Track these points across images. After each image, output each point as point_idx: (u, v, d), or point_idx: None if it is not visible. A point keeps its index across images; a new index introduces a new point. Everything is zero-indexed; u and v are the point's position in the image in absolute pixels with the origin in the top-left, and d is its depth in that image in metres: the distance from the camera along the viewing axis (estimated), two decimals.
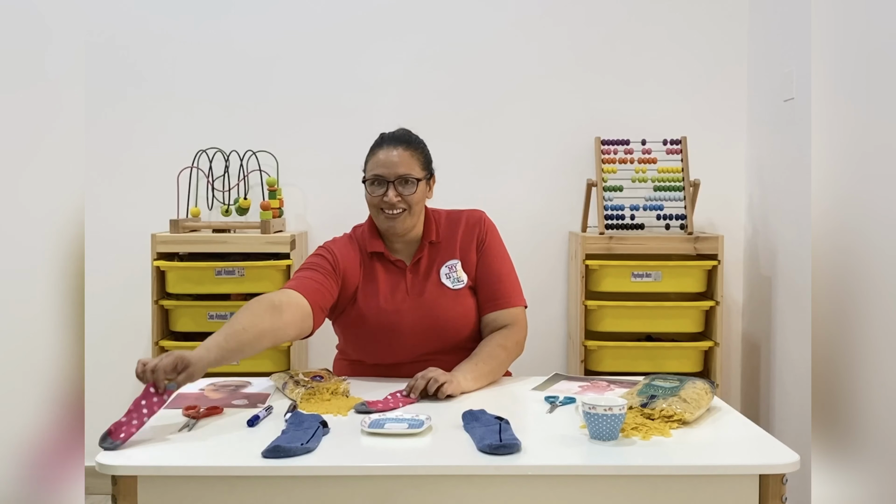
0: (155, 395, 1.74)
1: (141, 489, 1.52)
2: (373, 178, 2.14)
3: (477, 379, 2.03)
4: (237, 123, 3.22)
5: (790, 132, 2.83)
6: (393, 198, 2.11)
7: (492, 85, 3.24)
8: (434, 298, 2.15)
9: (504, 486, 1.52)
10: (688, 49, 3.23)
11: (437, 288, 2.16)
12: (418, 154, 2.17)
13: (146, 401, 1.72)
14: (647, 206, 3.04)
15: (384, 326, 2.13)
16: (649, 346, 2.98)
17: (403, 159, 2.13)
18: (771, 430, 2.88)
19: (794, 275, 2.81)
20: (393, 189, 2.11)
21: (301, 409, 1.85)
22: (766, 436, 1.70)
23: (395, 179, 2.12)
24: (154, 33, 3.22)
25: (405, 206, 2.12)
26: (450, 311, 2.15)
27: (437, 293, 2.15)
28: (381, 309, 2.13)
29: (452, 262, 2.19)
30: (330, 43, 3.23)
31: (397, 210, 2.12)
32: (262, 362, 2.91)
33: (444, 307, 2.15)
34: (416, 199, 2.13)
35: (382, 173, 2.13)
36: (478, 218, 2.25)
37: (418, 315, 2.13)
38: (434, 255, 2.20)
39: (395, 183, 2.12)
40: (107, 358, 3.24)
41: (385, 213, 2.13)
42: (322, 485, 1.52)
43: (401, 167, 2.12)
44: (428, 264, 2.19)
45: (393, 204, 2.11)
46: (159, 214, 3.12)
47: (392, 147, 2.14)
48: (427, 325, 2.13)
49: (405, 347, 2.14)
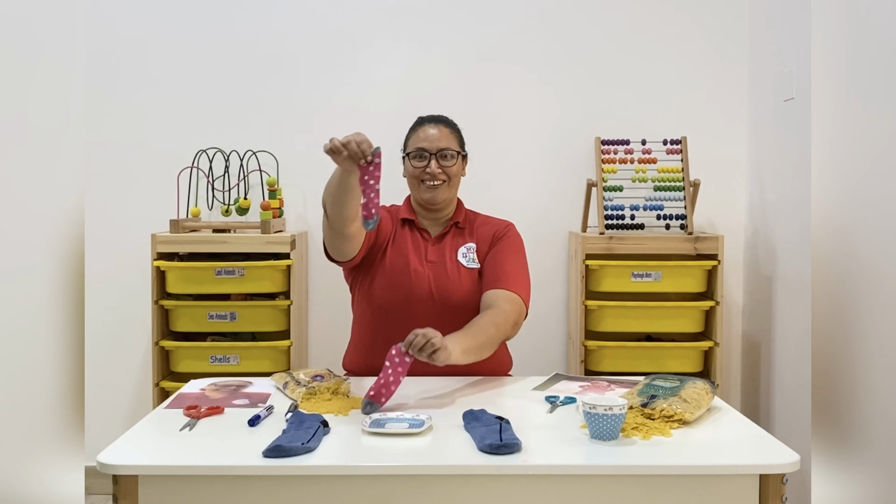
0: (398, 356, 1.87)
1: (142, 489, 1.52)
2: (415, 152, 2.31)
3: (466, 352, 1.99)
4: (237, 123, 3.22)
5: (790, 132, 2.83)
6: (435, 168, 2.28)
7: (492, 85, 3.24)
8: (448, 270, 2.28)
9: (504, 486, 1.52)
10: (688, 49, 3.23)
11: (453, 263, 2.30)
12: (456, 133, 2.37)
13: (391, 364, 1.87)
14: (647, 206, 3.04)
15: (400, 284, 2.25)
16: (649, 346, 2.98)
17: (444, 135, 2.32)
18: (771, 430, 2.88)
19: (794, 275, 2.81)
20: (435, 161, 2.28)
21: (302, 408, 1.85)
22: (766, 436, 1.70)
23: (437, 152, 2.29)
24: (154, 33, 3.22)
25: (445, 177, 2.30)
26: (460, 286, 2.26)
27: (452, 266, 2.28)
28: (403, 266, 2.27)
29: (471, 244, 2.34)
30: (330, 43, 3.23)
31: (438, 181, 2.29)
32: (262, 362, 2.92)
33: (456, 280, 2.27)
34: (454, 171, 2.31)
35: (425, 146, 2.29)
36: (506, 225, 2.40)
37: (432, 281, 2.26)
38: (457, 236, 2.36)
39: (437, 156, 2.29)
40: (107, 358, 3.24)
41: (426, 183, 2.29)
42: (322, 484, 1.52)
43: (441, 141, 2.30)
44: (451, 241, 2.35)
45: (434, 174, 2.28)
46: (159, 214, 3.12)
47: (433, 125, 2.34)
48: (438, 292, 2.25)
49: (415, 311, 2.22)
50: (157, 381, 2.93)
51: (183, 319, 2.95)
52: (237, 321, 2.93)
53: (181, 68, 3.23)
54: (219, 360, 2.93)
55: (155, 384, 2.93)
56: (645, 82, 3.23)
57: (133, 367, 3.27)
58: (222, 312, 2.93)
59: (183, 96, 3.23)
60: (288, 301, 2.96)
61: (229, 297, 2.97)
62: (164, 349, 2.97)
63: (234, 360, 2.92)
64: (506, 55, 3.23)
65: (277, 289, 2.96)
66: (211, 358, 2.93)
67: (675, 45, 3.23)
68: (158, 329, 2.95)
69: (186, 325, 2.95)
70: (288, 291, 2.97)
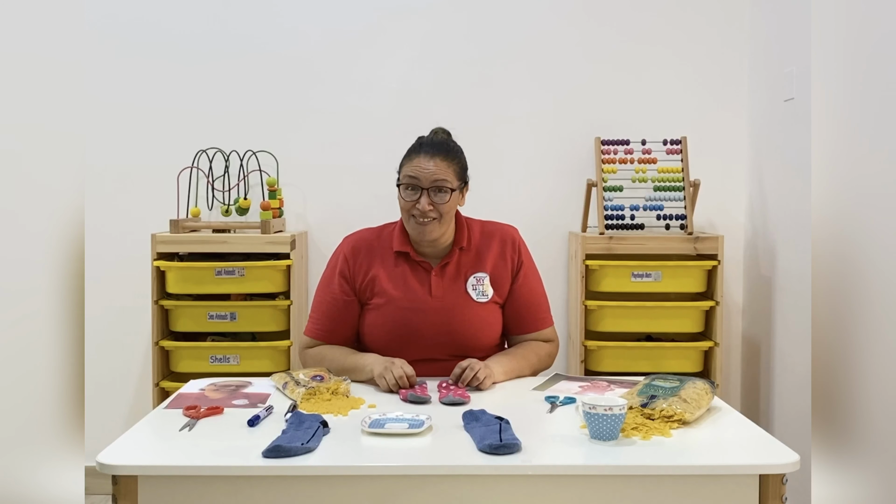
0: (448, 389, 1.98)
1: (141, 489, 1.52)
2: (407, 183, 2.14)
3: (507, 373, 2.13)
4: (237, 123, 3.22)
5: (790, 132, 2.83)
6: (425, 206, 2.11)
7: (492, 85, 3.24)
8: (457, 306, 2.18)
9: (504, 486, 1.52)
10: (688, 49, 3.23)
11: (462, 297, 2.19)
12: (455, 164, 2.17)
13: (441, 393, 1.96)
14: (647, 206, 3.04)
15: (403, 323, 2.16)
16: (649, 346, 2.98)
17: (440, 168, 2.12)
18: (771, 430, 2.88)
19: (794, 275, 2.81)
20: (426, 196, 2.11)
21: (301, 408, 1.85)
22: (766, 436, 1.70)
23: (430, 187, 2.12)
24: (155, 32, 3.22)
25: (436, 214, 2.12)
26: (471, 322, 2.18)
27: (461, 302, 2.18)
28: (401, 306, 2.17)
29: (481, 276, 2.21)
30: (331, 43, 3.23)
31: (428, 218, 2.12)
32: (261, 363, 2.92)
33: (466, 316, 2.17)
34: (447, 208, 2.14)
35: (418, 178, 2.12)
36: (511, 237, 2.28)
37: (438, 319, 2.16)
38: (463, 262, 2.22)
39: (429, 191, 2.12)
40: (107, 358, 3.24)
41: (416, 219, 2.14)
42: (322, 485, 1.52)
43: (436, 174, 2.12)
44: (456, 270, 2.21)
45: (425, 212, 2.11)
46: (159, 214, 3.12)
47: (430, 155, 2.13)
48: (445, 330, 2.16)
49: (421, 348, 2.16)
50: (156, 381, 2.93)
51: (183, 319, 2.95)
52: (237, 321, 2.93)
53: (181, 68, 3.22)
54: (219, 360, 2.93)
55: (155, 384, 2.93)
56: (645, 82, 3.23)
57: (133, 367, 3.27)
58: (222, 312, 2.93)
59: (183, 96, 3.23)
60: (288, 301, 2.96)
61: (229, 297, 2.97)
62: (164, 349, 2.97)
63: (233, 361, 2.92)
64: (506, 55, 3.23)
65: (277, 289, 2.96)
66: (211, 358, 2.93)
67: (676, 46, 3.23)
68: (158, 329, 2.95)
69: (186, 325, 2.95)
70: (288, 291, 2.97)
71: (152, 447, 1.67)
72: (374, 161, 3.17)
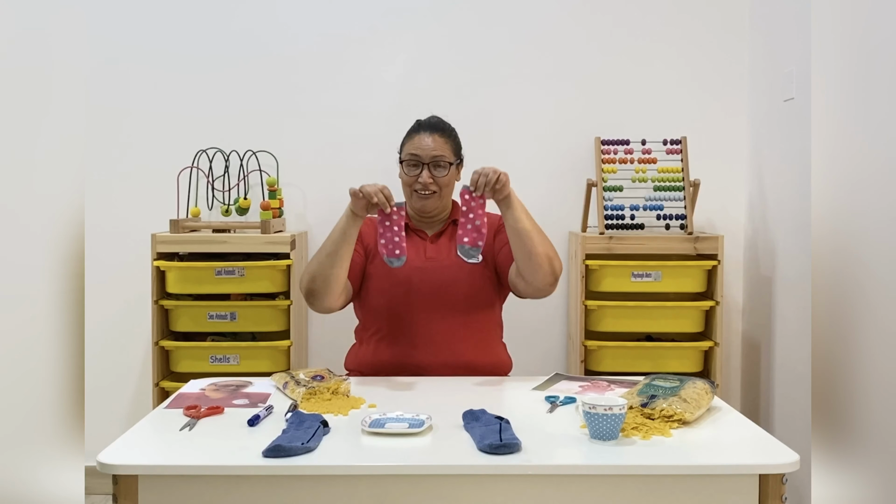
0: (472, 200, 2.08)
1: (142, 489, 1.52)
2: (409, 160, 2.33)
3: (529, 217, 2.18)
4: (237, 123, 3.22)
5: (790, 132, 2.83)
6: (426, 178, 2.30)
7: (492, 85, 3.24)
8: (450, 266, 2.31)
9: (504, 485, 1.52)
10: (688, 49, 3.23)
11: (453, 257, 2.29)
12: (451, 141, 2.37)
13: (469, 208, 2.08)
14: (647, 206, 3.04)
15: (402, 280, 2.28)
16: (649, 346, 2.98)
17: (438, 144, 2.33)
18: (771, 430, 2.88)
19: (794, 275, 2.81)
20: (427, 171, 2.31)
21: (301, 408, 1.85)
22: (766, 436, 1.70)
23: (430, 162, 2.31)
24: (155, 32, 3.22)
25: (436, 187, 2.32)
26: (462, 281, 2.30)
27: (453, 262, 2.29)
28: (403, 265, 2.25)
29: None
30: (331, 43, 3.23)
31: (429, 191, 2.31)
32: (262, 363, 2.92)
33: (458, 275, 2.30)
34: (446, 181, 2.33)
35: (418, 155, 2.31)
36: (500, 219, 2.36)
37: (434, 276, 2.30)
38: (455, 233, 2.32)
39: (429, 165, 2.31)
40: (107, 358, 3.24)
41: (418, 193, 2.32)
42: (322, 484, 1.53)
43: (435, 150, 2.31)
44: (449, 239, 2.37)
45: (426, 185, 2.31)
46: (159, 214, 3.12)
47: (428, 132, 2.34)
48: (441, 289, 2.29)
49: (419, 305, 2.27)
50: (157, 381, 2.93)
51: (183, 319, 2.95)
52: (237, 321, 2.93)
53: (181, 68, 3.22)
54: (219, 360, 2.93)
55: (155, 384, 2.93)
56: (645, 82, 3.23)
57: (133, 367, 3.27)
58: (222, 312, 2.93)
59: (183, 96, 3.23)
60: (288, 301, 2.96)
61: (229, 297, 2.97)
62: (164, 349, 2.97)
63: (234, 360, 2.93)
64: (506, 55, 3.23)
65: (277, 289, 2.96)
66: (211, 358, 2.93)
67: (676, 46, 3.23)
68: (158, 329, 2.95)
69: (186, 325, 2.95)
70: (288, 291, 2.97)
71: (152, 447, 1.67)
72: (374, 161, 3.17)
